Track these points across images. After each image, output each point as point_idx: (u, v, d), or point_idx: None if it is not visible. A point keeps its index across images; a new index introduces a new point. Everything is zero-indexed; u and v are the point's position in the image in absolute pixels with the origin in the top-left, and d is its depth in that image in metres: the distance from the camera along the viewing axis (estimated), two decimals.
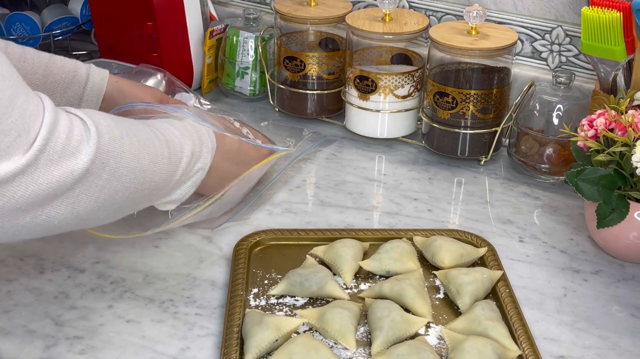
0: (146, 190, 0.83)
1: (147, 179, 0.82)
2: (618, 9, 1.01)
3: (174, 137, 0.88)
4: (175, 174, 0.88)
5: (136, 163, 0.80)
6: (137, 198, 0.83)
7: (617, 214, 0.92)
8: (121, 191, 0.79)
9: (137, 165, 0.80)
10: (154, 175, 0.83)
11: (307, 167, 1.19)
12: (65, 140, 0.71)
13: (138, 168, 0.80)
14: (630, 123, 0.92)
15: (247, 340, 0.80)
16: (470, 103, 1.16)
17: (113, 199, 0.78)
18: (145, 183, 0.82)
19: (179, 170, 0.88)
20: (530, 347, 0.81)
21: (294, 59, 1.29)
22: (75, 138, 0.72)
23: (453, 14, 1.29)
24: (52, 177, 0.70)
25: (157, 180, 0.84)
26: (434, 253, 0.95)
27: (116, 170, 0.77)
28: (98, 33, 1.44)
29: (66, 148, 0.71)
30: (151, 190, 0.84)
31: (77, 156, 0.72)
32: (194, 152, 0.91)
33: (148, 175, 0.82)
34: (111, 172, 0.76)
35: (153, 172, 0.83)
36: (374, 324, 0.83)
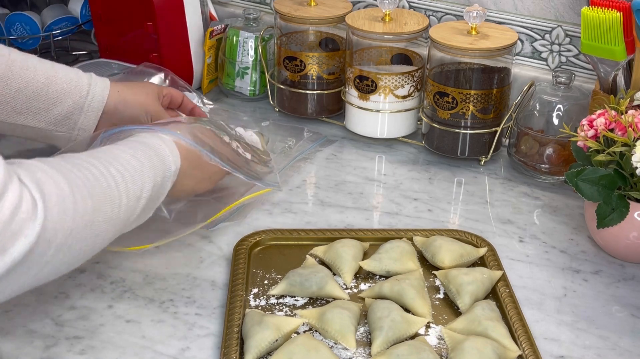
0: (99, 245, 0.79)
1: (99, 241, 0.77)
2: (618, 9, 1.01)
3: (134, 175, 0.82)
4: (133, 215, 0.82)
5: (88, 231, 0.74)
6: (91, 252, 0.78)
7: (617, 214, 0.92)
8: (70, 259, 0.74)
9: (90, 232, 0.75)
10: (107, 233, 0.78)
11: (307, 167, 1.19)
12: (8, 218, 0.65)
13: (90, 234, 0.75)
14: (630, 123, 0.92)
15: (247, 340, 0.80)
16: (470, 103, 1.16)
17: (58, 270, 0.74)
18: (97, 244, 0.78)
19: (137, 211, 0.83)
20: (530, 347, 0.81)
21: (294, 58, 1.29)
22: (21, 214, 0.66)
23: (453, 14, 1.29)
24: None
25: (110, 237, 0.80)
26: (434, 253, 0.95)
27: (64, 244, 0.71)
28: (98, 33, 1.44)
29: (7, 227, 0.65)
30: (105, 242, 0.80)
31: (18, 238, 0.65)
32: (154, 185, 0.85)
33: (100, 238, 0.77)
34: (58, 247, 0.70)
35: (106, 231, 0.78)
36: (374, 324, 0.83)
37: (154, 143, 0.88)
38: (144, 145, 0.86)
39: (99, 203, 0.76)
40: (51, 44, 1.51)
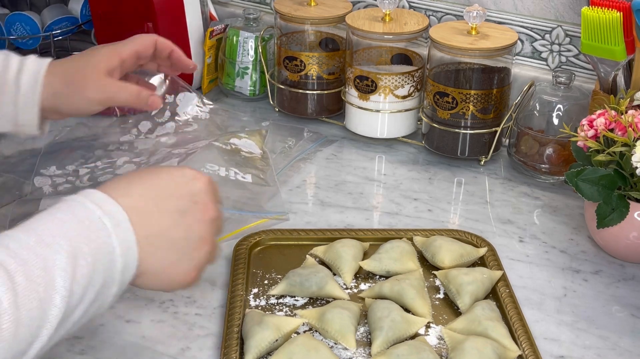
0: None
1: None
2: (618, 9, 1.01)
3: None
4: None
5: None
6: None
7: (617, 214, 0.92)
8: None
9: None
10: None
11: (307, 167, 1.19)
12: None
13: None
14: (630, 123, 0.92)
15: (247, 340, 0.80)
16: (470, 103, 1.16)
17: None
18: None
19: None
20: (530, 347, 0.81)
21: (294, 58, 1.29)
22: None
23: (453, 14, 1.29)
24: None
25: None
26: (434, 253, 0.95)
27: None
28: (98, 33, 1.44)
29: None
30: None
31: None
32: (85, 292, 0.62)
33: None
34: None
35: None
36: (374, 325, 0.83)
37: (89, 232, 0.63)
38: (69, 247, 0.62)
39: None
40: (51, 44, 1.51)
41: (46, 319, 0.59)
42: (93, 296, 0.63)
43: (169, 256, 0.69)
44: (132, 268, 0.66)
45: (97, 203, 0.65)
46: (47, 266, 0.59)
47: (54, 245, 0.61)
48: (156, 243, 0.68)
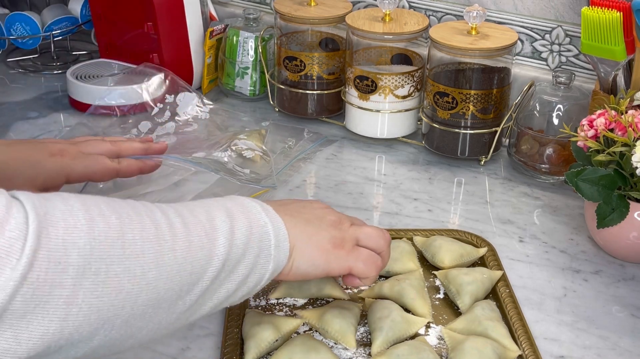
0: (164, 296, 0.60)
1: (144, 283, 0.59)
2: (618, 9, 1.01)
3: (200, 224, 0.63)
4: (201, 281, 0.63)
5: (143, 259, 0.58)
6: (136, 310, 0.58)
7: (617, 214, 0.92)
8: (114, 301, 0.56)
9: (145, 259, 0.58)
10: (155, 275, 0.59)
11: (307, 166, 1.19)
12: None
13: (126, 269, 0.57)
14: (630, 123, 0.92)
15: (247, 340, 0.80)
16: (470, 103, 1.16)
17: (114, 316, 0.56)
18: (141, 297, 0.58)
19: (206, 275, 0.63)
20: (530, 347, 0.81)
21: (294, 58, 1.29)
22: (6, 234, 0.51)
23: (453, 14, 1.29)
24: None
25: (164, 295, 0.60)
26: (434, 253, 0.95)
27: (88, 267, 0.55)
28: (98, 33, 1.44)
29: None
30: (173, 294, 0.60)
31: (5, 263, 0.51)
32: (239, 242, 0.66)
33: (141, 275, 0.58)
34: (79, 270, 0.54)
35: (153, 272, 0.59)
36: (374, 325, 0.83)
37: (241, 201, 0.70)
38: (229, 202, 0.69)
39: (130, 231, 0.58)
40: (51, 44, 1.51)
41: (213, 255, 0.62)
42: (252, 260, 0.66)
43: (309, 229, 0.73)
44: (284, 247, 0.69)
45: (249, 200, 0.71)
46: (209, 215, 0.64)
47: (213, 205, 0.66)
48: (298, 224, 0.72)
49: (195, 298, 0.63)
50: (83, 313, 0.55)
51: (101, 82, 1.34)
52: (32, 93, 1.42)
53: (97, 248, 0.55)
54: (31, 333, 0.53)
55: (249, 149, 1.15)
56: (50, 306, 0.53)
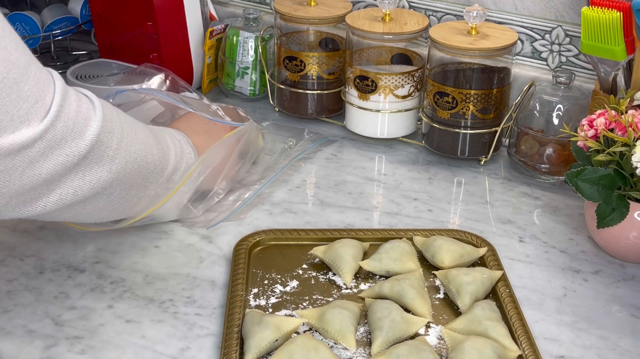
0: (146, 170, 0.87)
1: (147, 154, 0.86)
2: (618, 9, 1.01)
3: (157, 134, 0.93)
4: (167, 165, 0.92)
5: (136, 137, 0.84)
6: (140, 179, 0.86)
7: (617, 214, 0.92)
8: (130, 163, 0.82)
9: (137, 139, 0.84)
10: (149, 155, 0.87)
11: (307, 166, 1.19)
12: (76, 107, 0.74)
13: (139, 141, 0.85)
14: (630, 123, 0.92)
15: (247, 340, 0.80)
16: (470, 103, 1.16)
17: (124, 172, 0.82)
18: (148, 156, 0.87)
19: (170, 162, 0.93)
20: (530, 347, 0.81)
21: (294, 58, 1.29)
22: (84, 106, 0.75)
23: (453, 14, 1.29)
24: (67, 143, 0.73)
25: (152, 161, 0.88)
26: (434, 253, 0.95)
27: (121, 139, 0.80)
28: (98, 33, 1.44)
29: (78, 115, 0.74)
30: (149, 171, 0.88)
31: (88, 123, 0.75)
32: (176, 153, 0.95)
33: (148, 149, 0.87)
34: (119, 140, 0.80)
35: (150, 149, 0.87)
36: (374, 325, 0.83)
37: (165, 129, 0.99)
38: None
39: (137, 125, 0.86)
40: (51, 44, 1.51)
41: (169, 156, 0.93)
42: (182, 169, 0.97)
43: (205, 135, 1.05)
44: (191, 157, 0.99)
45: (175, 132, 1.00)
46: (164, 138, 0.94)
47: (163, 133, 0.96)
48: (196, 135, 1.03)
49: (158, 182, 0.92)
50: (119, 169, 0.81)
51: (101, 82, 1.33)
52: None
53: (126, 128, 0.82)
54: (92, 176, 0.77)
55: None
56: (105, 159, 0.79)
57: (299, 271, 0.94)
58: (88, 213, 0.82)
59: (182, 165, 0.96)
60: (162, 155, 0.91)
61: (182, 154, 0.97)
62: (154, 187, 0.91)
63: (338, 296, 0.90)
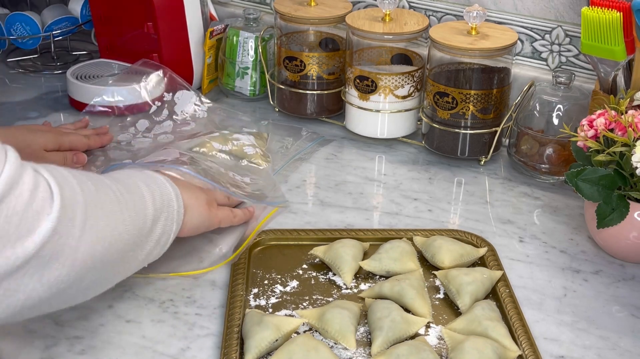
0: (122, 242, 0.77)
1: (118, 223, 0.76)
2: (618, 9, 1.01)
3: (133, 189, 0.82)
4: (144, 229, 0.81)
5: (102, 211, 0.74)
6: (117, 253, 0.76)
7: (617, 214, 0.92)
8: (99, 243, 0.72)
9: (104, 211, 0.74)
10: (120, 224, 0.77)
11: (307, 166, 1.19)
12: (27, 199, 0.64)
13: (107, 212, 0.74)
14: (630, 123, 0.92)
15: (247, 340, 0.80)
16: (470, 103, 1.16)
17: (93, 257, 0.71)
18: (119, 226, 0.76)
19: (147, 224, 0.82)
20: (530, 347, 0.81)
21: (294, 59, 1.29)
22: (39, 195, 0.65)
23: (453, 14, 1.29)
24: (10, 243, 0.63)
25: (126, 230, 0.78)
26: (434, 253, 0.95)
27: (86, 222, 0.70)
28: (98, 33, 1.44)
29: (29, 208, 0.64)
30: (126, 241, 0.78)
31: (40, 217, 0.65)
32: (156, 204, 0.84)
33: (118, 218, 0.76)
34: (81, 225, 0.69)
35: (121, 217, 0.77)
36: (374, 325, 0.83)
37: (150, 174, 0.89)
38: (142, 174, 0.88)
39: (103, 196, 0.75)
40: (51, 44, 1.51)
41: (147, 213, 0.81)
42: (163, 221, 0.85)
43: (194, 192, 0.94)
44: (182, 211, 0.88)
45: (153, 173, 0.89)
46: (138, 188, 0.83)
47: (137, 178, 0.85)
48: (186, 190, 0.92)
49: (136, 251, 0.81)
50: (84, 258, 0.70)
51: (101, 82, 1.34)
52: (32, 93, 1.42)
53: (90, 207, 0.71)
54: (49, 275, 0.67)
55: (251, 145, 1.16)
56: (65, 254, 0.68)
57: (299, 271, 0.94)
58: (60, 304, 0.74)
59: (163, 213, 0.85)
60: (136, 213, 0.79)
61: (162, 198, 0.86)
62: (139, 250, 0.81)
63: (338, 296, 0.90)
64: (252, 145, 1.16)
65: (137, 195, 0.81)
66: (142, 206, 0.81)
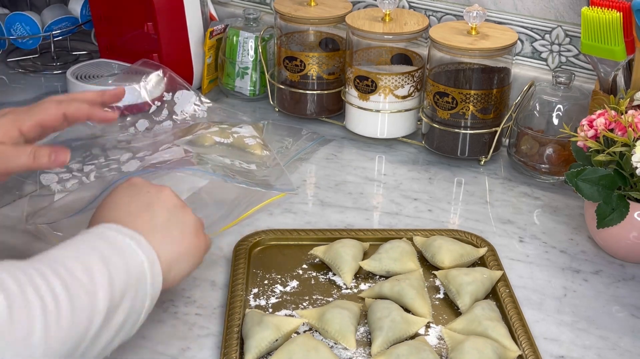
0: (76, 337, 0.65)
1: (73, 324, 0.65)
2: (618, 9, 1.01)
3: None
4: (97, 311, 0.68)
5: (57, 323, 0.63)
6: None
7: (617, 214, 0.92)
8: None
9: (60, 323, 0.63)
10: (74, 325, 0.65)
11: (307, 166, 1.19)
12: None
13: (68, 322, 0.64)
14: (630, 123, 0.92)
15: (247, 340, 0.80)
16: (470, 103, 1.16)
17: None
18: (73, 327, 0.65)
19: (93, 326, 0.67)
20: (530, 347, 0.81)
21: (294, 59, 1.29)
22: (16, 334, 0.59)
23: (453, 14, 1.29)
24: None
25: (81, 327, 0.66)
26: (434, 253, 0.95)
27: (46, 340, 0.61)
28: (98, 33, 1.44)
29: None
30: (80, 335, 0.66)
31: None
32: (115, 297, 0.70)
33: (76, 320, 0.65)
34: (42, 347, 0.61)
35: (78, 319, 0.65)
36: (374, 325, 0.83)
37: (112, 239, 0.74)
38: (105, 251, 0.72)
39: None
40: (51, 44, 1.51)
41: (95, 310, 0.67)
42: (129, 304, 0.71)
43: (174, 236, 0.80)
44: (158, 281, 0.75)
45: (118, 231, 0.75)
46: (88, 270, 0.68)
47: (89, 255, 0.70)
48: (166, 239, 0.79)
49: (79, 355, 0.67)
50: None
51: (101, 82, 1.34)
52: (32, 93, 1.42)
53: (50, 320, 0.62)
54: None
55: (251, 136, 1.16)
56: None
57: (299, 271, 0.94)
58: None
59: (129, 293, 0.71)
60: (79, 324, 0.65)
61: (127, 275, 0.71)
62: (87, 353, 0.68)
63: (338, 296, 0.90)
64: (252, 136, 1.17)
65: (82, 287, 0.67)
66: (88, 303, 0.67)
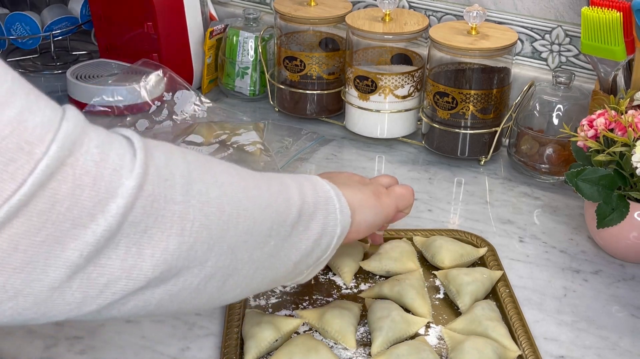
0: (250, 219, 0.63)
1: (241, 198, 0.62)
2: (618, 9, 1.01)
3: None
4: (290, 208, 0.68)
5: (214, 180, 0.61)
6: (243, 233, 0.62)
7: (617, 214, 0.92)
8: (214, 216, 0.59)
9: (217, 181, 0.61)
10: (243, 199, 0.63)
11: (307, 166, 1.19)
12: (98, 157, 0.52)
13: (221, 183, 0.61)
14: (630, 123, 0.92)
15: (247, 340, 0.80)
16: (470, 103, 1.16)
17: (208, 229, 0.59)
18: (243, 201, 0.63)
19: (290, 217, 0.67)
20: (530, 347, 0.81)
21: (294, 58, 1.29)
22: (113, 152, 0.53)
23: (453, 14, 1.29)
24: (87, 208, 0.51)
25: (253, 206, 0.63)
26: (434, 253, 0.95)
27: (191, 186, 0.58)
28: (98, 33, 1.44)
29: (100, 167, 0.52)
30: (258, 221, 0.64)
31: (118, 177, 0.53)
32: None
33: (240, 192, 0.63)
34: (185, 189, 0.57)
35: (244, 191, 0.63)
36: (373, 325, 0.83)
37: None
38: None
39: (215, 165, 0.62)
40: (51, 44, 1.51)
41: (291, 202, 0.68)
42: (322, 220, 0.70)
43: (354, 188, 0.79)
44: (346, 211, 0.74)
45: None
46: (279, 177, 0.70)
47: (278, 174, 0.72)
48: (348, 189, 0.78)
49: (280, 242, 0.67)
50: (196, 229, 0.57)
51: (101, 82, 1.34)
52: None
53: (194, 172, 0.59)
54: (154, 247, 0.55)
55: (251, 143, 1.16)
56: (167, 221, 0.55)
57: None
58: (184, 301, 0.60)
59: (320, 210, 0.70)
60: (270, 193, 0.66)
61: (316, 193, 0.71)
62: (286, 244, 0.68)
63: (338, 296, 0.90)
64: (251, 143, 1.16)
65: (274, 179, 0.68)
66: (280, 189, 0.67)
